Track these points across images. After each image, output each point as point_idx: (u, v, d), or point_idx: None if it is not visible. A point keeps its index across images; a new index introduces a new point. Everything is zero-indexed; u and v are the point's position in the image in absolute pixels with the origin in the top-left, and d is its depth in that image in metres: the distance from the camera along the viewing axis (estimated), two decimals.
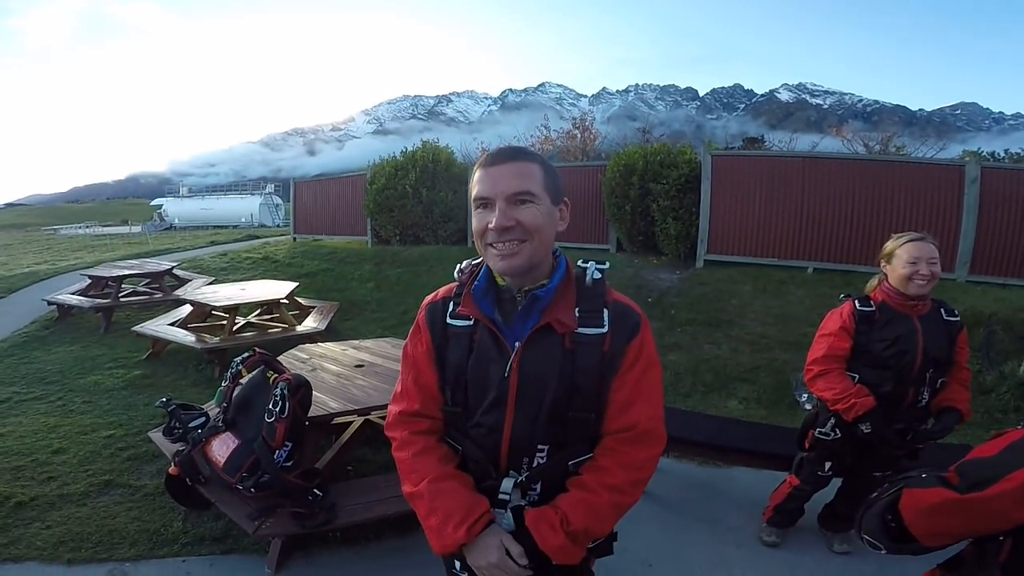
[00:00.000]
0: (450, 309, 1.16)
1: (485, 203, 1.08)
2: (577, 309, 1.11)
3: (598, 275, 1.15)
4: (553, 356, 1.09)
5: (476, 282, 1.14)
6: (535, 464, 1.13)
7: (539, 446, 1.12)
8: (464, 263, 1.21)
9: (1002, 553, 0.92)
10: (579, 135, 15.56)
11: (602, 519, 1.09)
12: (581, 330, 1.09)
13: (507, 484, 1.12)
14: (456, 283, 1.19)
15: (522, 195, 1.05)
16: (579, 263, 1.18)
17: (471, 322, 1.13)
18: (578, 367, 1.09)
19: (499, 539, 1.07)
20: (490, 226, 1.05)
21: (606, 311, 1.11)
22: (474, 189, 1.09)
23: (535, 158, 1.12)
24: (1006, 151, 10.42)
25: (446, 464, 1.15)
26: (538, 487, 1.13)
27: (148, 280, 7.57)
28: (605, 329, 1.10)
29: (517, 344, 1.09)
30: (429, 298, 1.22)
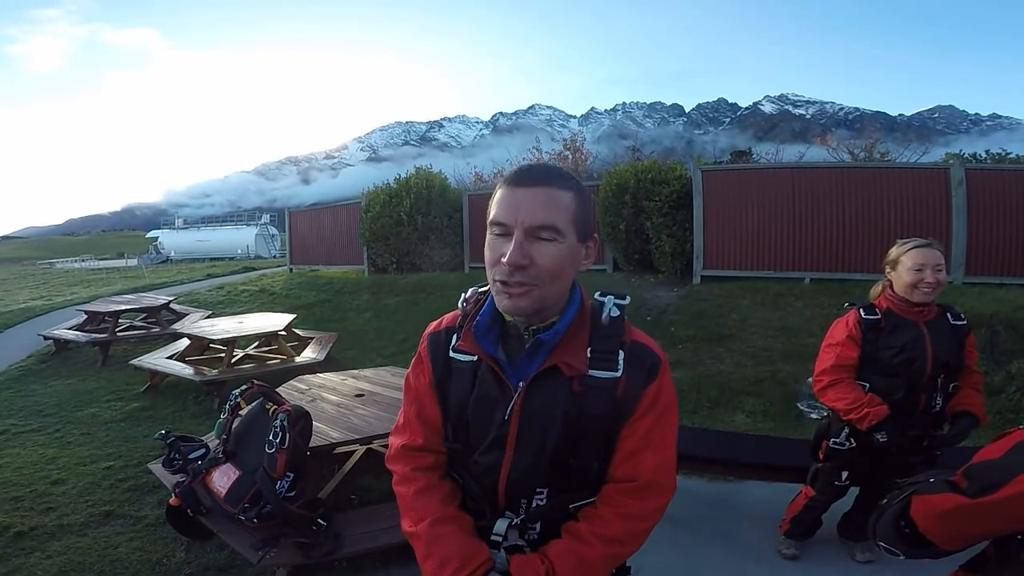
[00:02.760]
0: (453, 341, 1.07)
1: (504, 230, 0.94)
2: (589, 349, 1.00)
3: (616, 312, 1.02)
4: (558, 400, 0.99)
5: (479, 316, 1.03)
6: (534, 505, 1.06)
7: (538, 489, 1.05)
8: (470, 291, 1.10)
9: (1023, 552, 0.91)
10: (570, 156, 15.77)
11: (592, 571, 1.01)
12: (592, 373, 0.99)
13: (500, 526, 1.05)
14: (460, 312, 1.09)
15: (545, 229, 0.92)
16: (596, 296, 1.07)
17: (475, 357, 1.04)
18: (586, 412, 0.99)
19: None
20: (503, 260, 0.92)
21: (622, 352, 1.01)
22: (493, 210, 0.96)
23: (570, 184, 0.97)
24: (987, 152, 10.59)
25: (447, 505, 1.07)
26: (537, 527, 1.06)
27: (145, 315, 7.55)
28: (619, 373, 0.99)
29: (521, 384, 1.00)
30: (432, 327, 1.14)
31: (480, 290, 1.09)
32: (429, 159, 15.11)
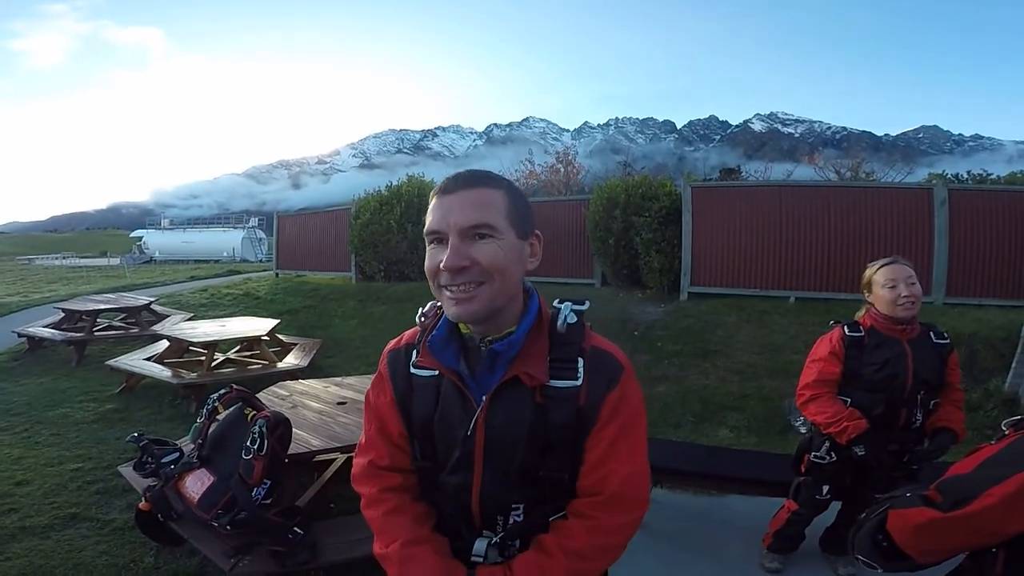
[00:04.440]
0: (413, 357, 1.05)
1: (438, 237, 0.93)
2: (549, 358, 0.98)
3: (573, 319, 1.00)
4: (523, 412, 0.97)
5: (436, 330, 1.01)
6: (511, 522, 1.03)
7: (514, 505, 1.02)
8: (428, 306, 1.08)
9: (997, 565, 0.93)
10: (562, 169, 15.90)
11: None
12: (552, 383, 0.97)
13: (479, 546, 1.02)
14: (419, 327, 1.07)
15: (480, 228, 0.91)
16: (555, 303, 1.04)
17: (436, 372, 1.02)
18: (551, 424, 0.97)
19: None
20: (441, 266, 0.91)
21: (581, 360, 0.98)
22: (427, 221, 0.95)
23: (499, 183, 0.97)
24: (968, 172, 10.84)
25: (420, 526, 1.04)
26: (517, 543, 1.03)
27: (124, 315, 7.39)
28: (579, 382, 0.97)
29: (484, 398, 0.97)
30: (392, 344, 1.11)
31: (438, 304, 1.04)
32: (422, 168, 15.14)
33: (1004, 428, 0.98)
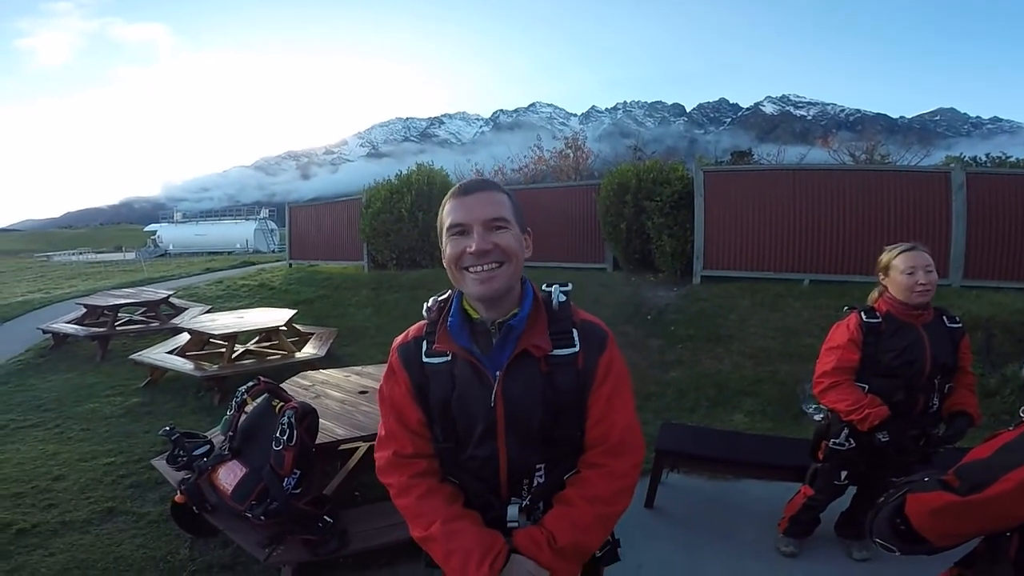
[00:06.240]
0: (424, 348, 1.17)
1: (462, 230, 1.10)
2: (549, 332, 1.14)
3: (563, 298, 1.18)
4: (534, 381, 1.12)
5: (451, 318, 1.15)
6: (535, 484, 1.16)
7: (537, 466, 1.15)
8: (431, 301, 1.21)
9: (1011, 549, 0.95)
10: (572, 154, 15.75)
11: (588, 532, 1.11)
12: (556, 352, 1.13)
13: (512, 512, 1.15)
14: (425, 321, 1.20)
15: (497, 221, 1.10)
16: (543, 287, 1.21)
17: (448, 358, 1.15)
18: (558, 388, 1.12)
19: (526, 571, 1.07)
20: (469, 250, 1.08)
21: (575, 331, 1.15)
22: (448, 218, 1.12)
23: (503, 189, 1.17)
24: (987, 155, 10.54)
25: (453, 504, 1.15)
26: (541, 505, 1.17)
27: (144, 309, 7.52)
28: (577, 348, 1.14)
29: (498, 373, 1.11)
30: (399, 339, 1.23)
31: (440, 298, 1.21)
32: (429, 155, 15.09)
33: (1021, 414, 0.98)
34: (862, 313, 2.24)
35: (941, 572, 1.11)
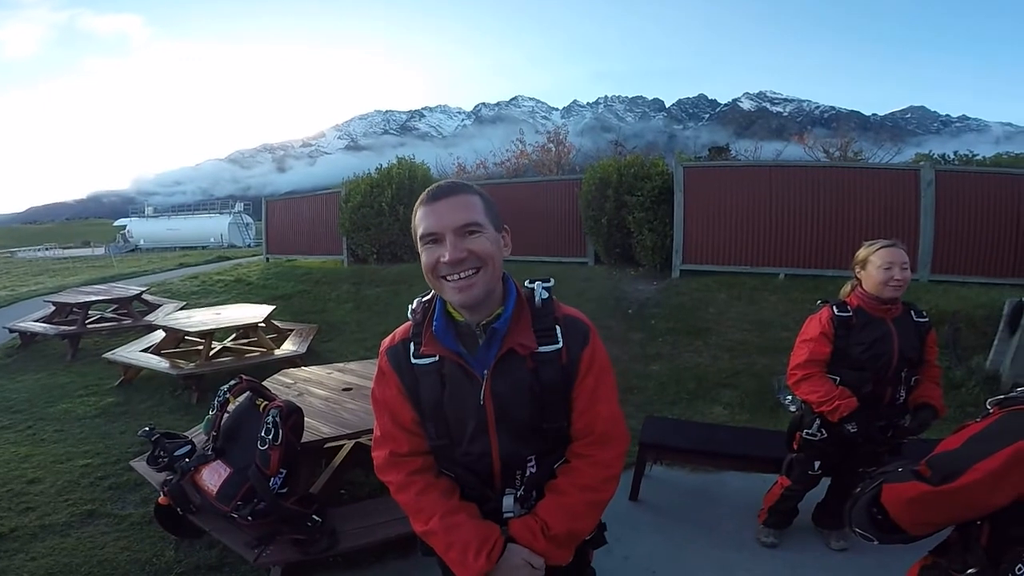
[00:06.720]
0: (412, 350, 1.18)
1: (434, 238, 1.09)
2: (533, 330, 1.16)
3: (545, 295, 1.20)
4: (520, 377, 1.14)
5: (436, 320, 1.16)
6: (527, 475, 1.20)
7: (528, 457, 1.20)
8: (415, 302, 1.22)
9: (983, 537, 0.99)
10: (554, 148, 15.79)
11: (580, 518, 1.17)
12: (540, 349, 1.15)
13: (508, 503, 1.19)
14: (411, 323, 1.21)
15: (470, 226, 1.09)
16: (526, 284, 1.23)
17: (436, 359, 1.16)
18: (544, 383, 1.15)
19: (522, 559, 1.12)
20: (442, 259, 1.07)
21: (558, 327, 1.17)
22: (420, 226, 1.11)
23: (474, 190, 1.15)
24: (955, 153, 10.93)
25: (450, 498, 1.19)
26: (534, 494, 1.21)
27: (116, 306, 7.33)
28: (560, 344, 1.16)
29: (485, 372, 1.13)
30: (387, 342, 1.24)
31: (424, 299, 1.22)
32: (410, 149, 14.95)
33: (988, 407, 1.02)
34: (834, 307, 2.32)
35: (916, 560, 1.15)
